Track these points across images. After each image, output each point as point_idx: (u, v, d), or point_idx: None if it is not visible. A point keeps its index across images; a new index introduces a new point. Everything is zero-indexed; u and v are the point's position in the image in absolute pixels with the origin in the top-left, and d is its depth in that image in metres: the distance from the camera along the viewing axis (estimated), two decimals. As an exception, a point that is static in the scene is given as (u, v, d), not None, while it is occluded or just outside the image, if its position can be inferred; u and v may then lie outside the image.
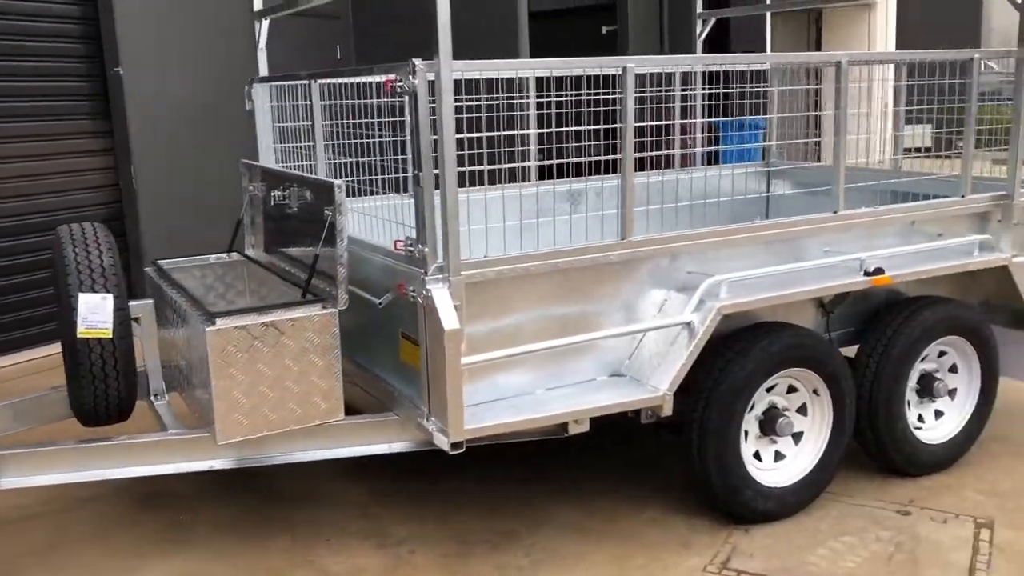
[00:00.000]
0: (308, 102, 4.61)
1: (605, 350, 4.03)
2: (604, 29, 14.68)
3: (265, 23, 5.33)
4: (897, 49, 19.15)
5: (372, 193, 4.53)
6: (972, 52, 4.78)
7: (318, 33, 9.43)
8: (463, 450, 3.57)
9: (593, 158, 4.43)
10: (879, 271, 4.32)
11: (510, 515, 4.37)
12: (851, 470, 4.68)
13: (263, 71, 5.29)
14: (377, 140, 4.27)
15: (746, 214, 5.48)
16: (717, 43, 17.39)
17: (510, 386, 3.85)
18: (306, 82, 4.55)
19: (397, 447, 3.98)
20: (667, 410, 3.88)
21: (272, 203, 4.59)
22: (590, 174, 4.63)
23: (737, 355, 4.06)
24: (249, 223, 5.06)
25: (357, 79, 4.22)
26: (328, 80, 4.41)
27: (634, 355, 4.05)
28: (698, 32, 6.98)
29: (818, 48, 20.37)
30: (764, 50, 16.67)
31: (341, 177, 4.29)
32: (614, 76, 3.93)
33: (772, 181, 6.57)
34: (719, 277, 4.01)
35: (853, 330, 4.69)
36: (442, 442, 3.56)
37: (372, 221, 4.32)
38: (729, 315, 4.07)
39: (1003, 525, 4.20)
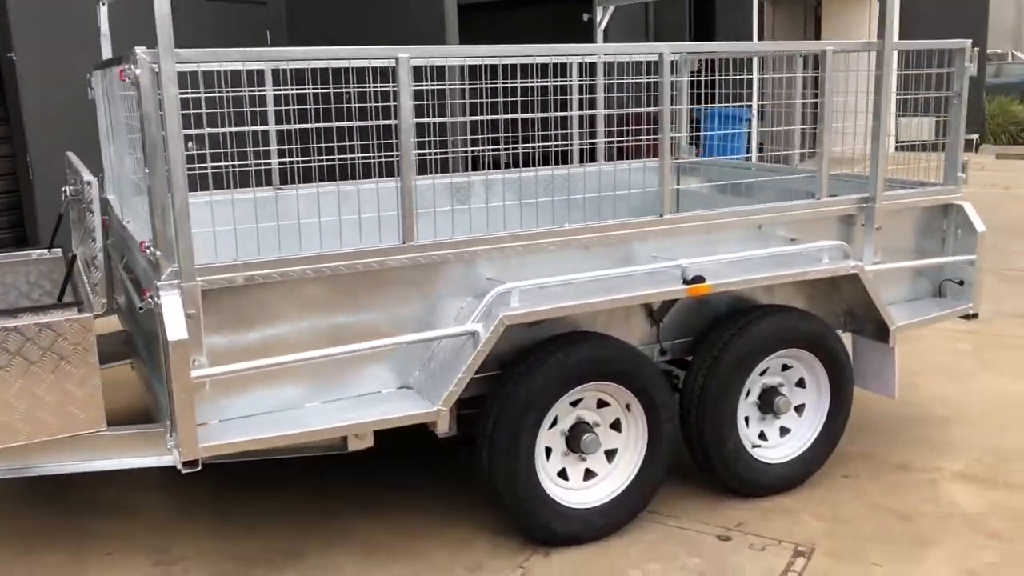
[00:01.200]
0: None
1: (395, 361, 3.78)
2: (585, 16, 14.32)
3: (104, 8, 5.12)
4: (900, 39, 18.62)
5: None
6: (825, 45, 4.45)
7: (247, 19, 9.23)
8: (198, 468, 3.34)
9: (363, 157, 4.15)
10: (698, 279, 4.01)
11: (308, 532, 4.14)
12: (688, 489, 4.41)
13: (106, 57, 5.08)
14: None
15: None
16: (701, 31, 16.93)
17: (277, 399, 3.61)
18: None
19: (166, 460, 3.75)
20: (443, 427, 3.63)
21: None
22: (381, 174, 4.37)
23: (531, 368, 3.79)
24: (75, 218, 4.86)
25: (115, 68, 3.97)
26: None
27: (425, 366, 3.80)
28: (598, 20, 6.67)
29: (816, 37, 19.82)
30: (750, 39, 16.23)
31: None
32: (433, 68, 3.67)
33: (683, 177, 6.27)
34: (510, 285, 3.74)
35: (691, 340, 4.39)
36: (176, 459, 3.33)
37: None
38: (535, 324, 3.83)
39: (824, 553, 3.91)
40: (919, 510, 4.26)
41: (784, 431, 4.47)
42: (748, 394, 4.34)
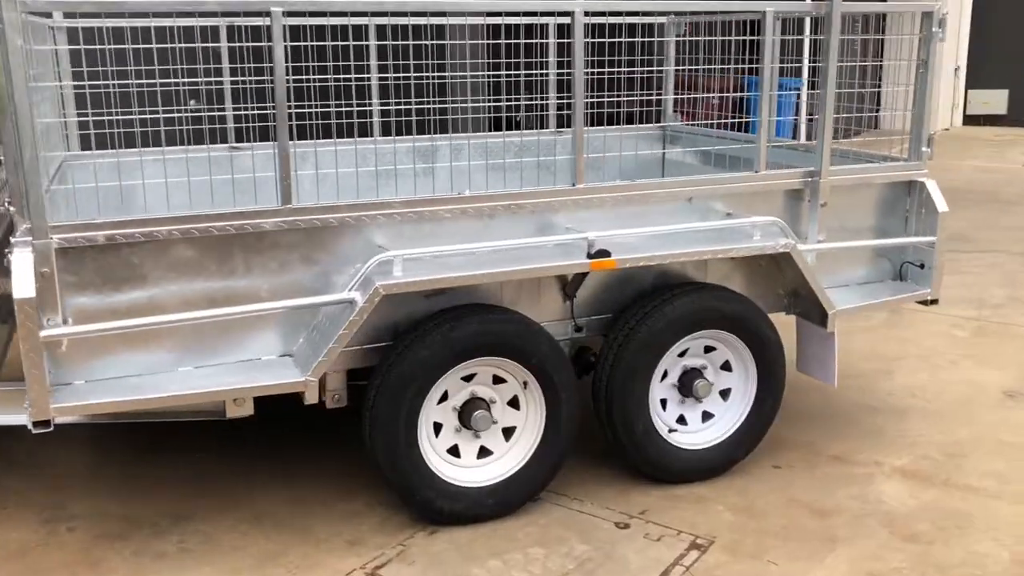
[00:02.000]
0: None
1: (279, 328, 3.67)
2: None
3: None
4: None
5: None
6: (766, 5, 4.14)
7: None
8: (50, 429, 3.28)
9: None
10: (602, 253, 3.80)
11: (202, 497, 4.08)
12: (604, 471, 4.23)
13: None
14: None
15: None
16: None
17: (150, 362, 3.52)
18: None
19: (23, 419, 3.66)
20: (311, 397, 3.51)
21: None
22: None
23: (416, 340, 3.64)
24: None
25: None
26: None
27: (309, 335, 3.68)
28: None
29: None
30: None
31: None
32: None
33: (670, 145, 6.01)
34: (393, 253, 3.58)
35: (611, 318, 4.17)
36: (28, 419, 3.28)
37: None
38: (434, 294, 3.69)
39: (722, 547, 3.70)
40: (840, 507, 4.00)
41: (707, 416, 4.25)
42: (665, 376, 4.13)
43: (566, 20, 4.22)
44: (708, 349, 4.19)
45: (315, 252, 3.65)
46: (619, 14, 4.54)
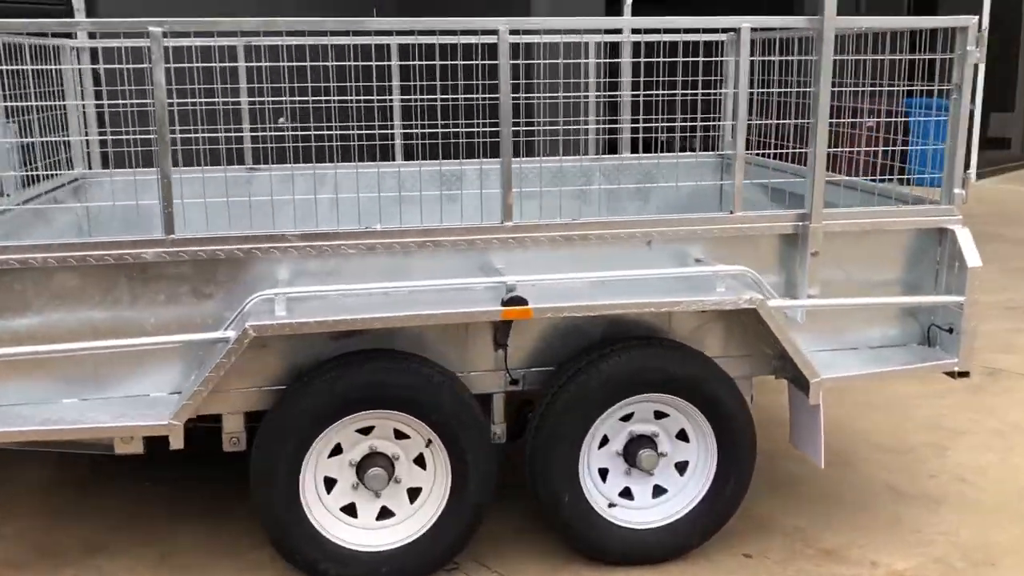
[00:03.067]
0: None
1: (171, 364, 3.48)
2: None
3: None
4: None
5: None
6: (741, 20, 3.56)
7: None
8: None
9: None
10: (517, 301, 3.36)
11: (127, 530, 3.95)
12: (538, 541, 3.77)
13: None
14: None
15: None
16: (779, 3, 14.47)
17: (33, 392, 3.42)
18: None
19: None
20: (176, 442, 3.28)
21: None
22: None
23: (300, 387, 3.35)
24: None
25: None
26: None
27: (197, 373, 3.47)
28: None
29: (930, 11, 16.06)
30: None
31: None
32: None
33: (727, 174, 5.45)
34: (276, 291, 3.31)
35: (552, 370, 3.70)
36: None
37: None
38: (343, 336, 3.41)
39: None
40: (799, 618, 3.36)
41: (659, 491, 3.69)
42: (605, 442, 3.62)
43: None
44: (661, 415, 3.64)
45: (206, 286, 3.43)
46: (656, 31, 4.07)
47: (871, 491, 4.25)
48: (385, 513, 3.54)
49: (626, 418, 3.62)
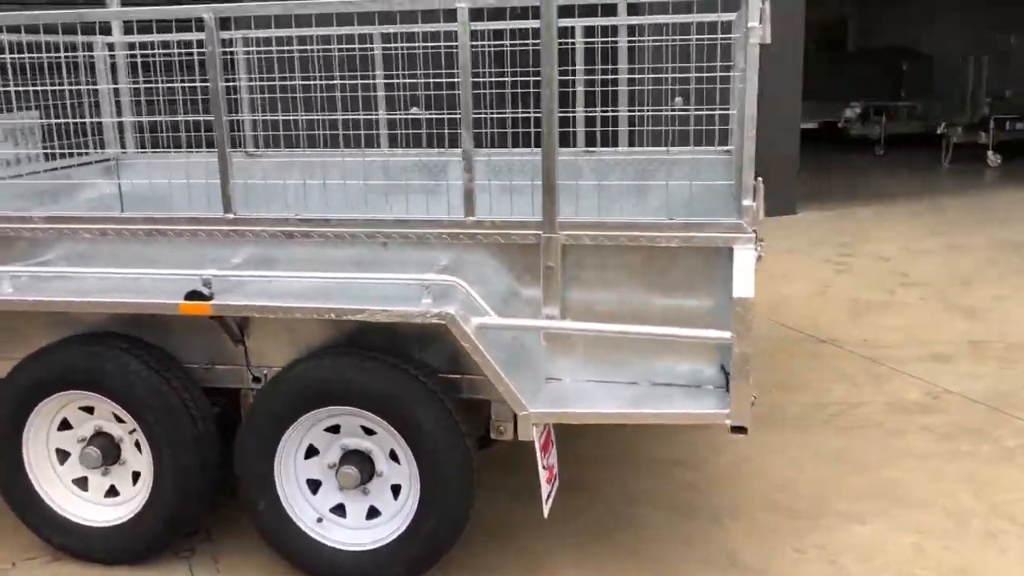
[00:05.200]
0: None
1: None
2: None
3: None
4: None
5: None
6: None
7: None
8: None
9: None
10: (196, 295, 3.28)
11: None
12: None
13: None
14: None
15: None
16: None
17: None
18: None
19: None
20: None
21: None
22: None
23: (21, 363, 3.54)
24: None
25: None
26: None
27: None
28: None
29: None
30: None
31: None
32: None
33: None
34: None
35: (282, 371, 3.56)
36: None
37: None
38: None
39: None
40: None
41: (374, 513, 3.42)
42: (314, 452, 3.42)
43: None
44: (369, 431, 3.36)
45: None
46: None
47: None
48: (113, 491, 3.64)
49: (334, 429, 3.39)
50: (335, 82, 4.59)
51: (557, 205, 3.18)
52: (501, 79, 4.64)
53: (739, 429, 3.10)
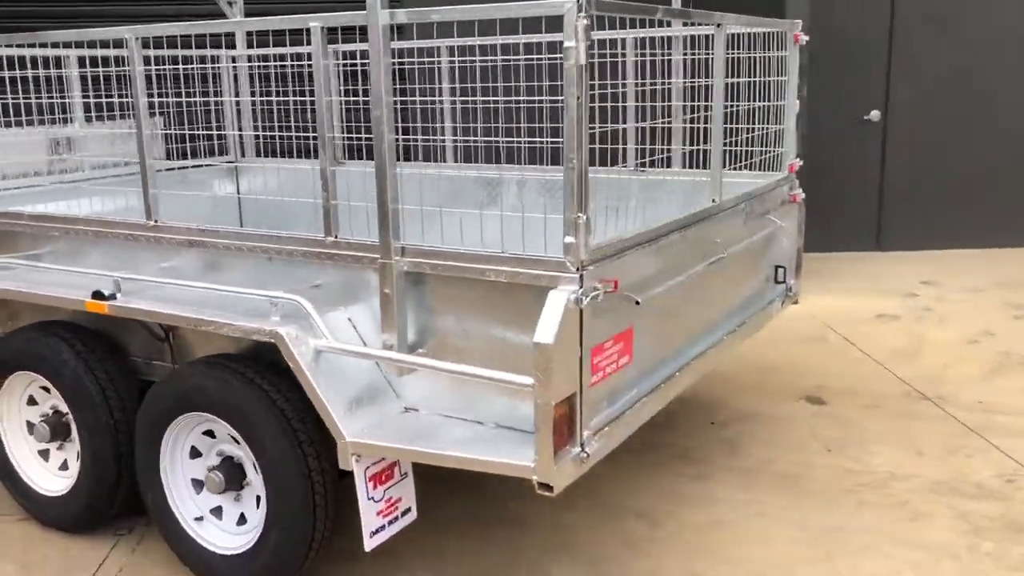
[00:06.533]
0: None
1: None
2: None
3: None
4: None
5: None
6: (309, 20, 3.09)
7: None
8: None
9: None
10: (99, 295, 3.54)
11: None
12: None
13: None
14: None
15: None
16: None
17: None
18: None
19: None
20: None
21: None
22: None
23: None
24: None
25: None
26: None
27: None
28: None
29: None
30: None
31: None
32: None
33: None
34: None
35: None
36: None
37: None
38: None
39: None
40: None
41: (243, 520, 3.50)
42: (199, 454, 3.56)
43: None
44: (237, 439, 3.43)
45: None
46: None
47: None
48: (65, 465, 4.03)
49: (213, 435, 3.50)
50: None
51: (395, 230, 3.06)
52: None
53: (546, 487, 2.81)
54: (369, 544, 3.14)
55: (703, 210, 3.72)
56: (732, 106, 4.39)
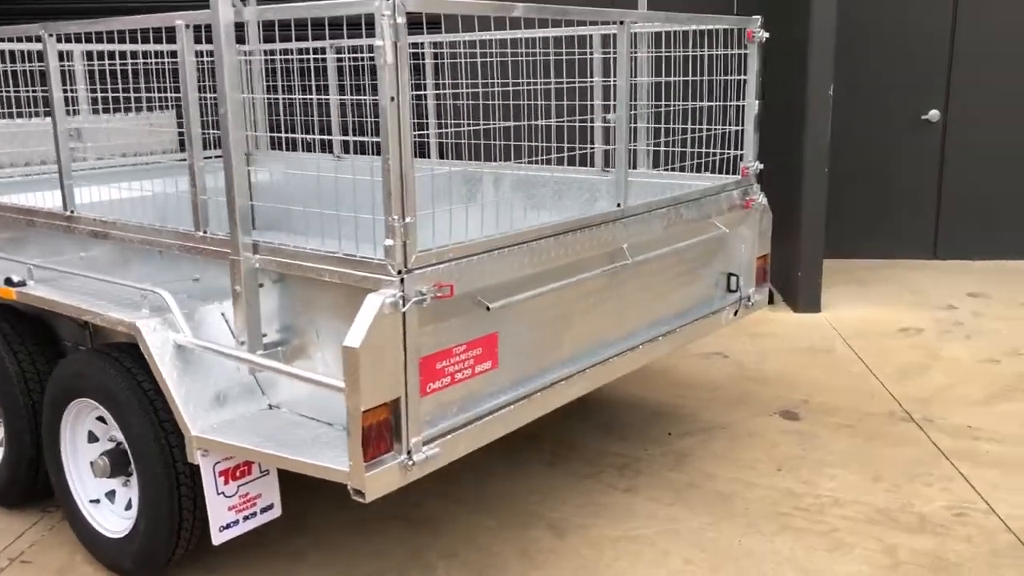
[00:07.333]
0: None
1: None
2: None
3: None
4: None
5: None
6: (176, 17, 3.11)
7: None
8: None
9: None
10: (9, 281, 3.68)
11: None
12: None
13: None
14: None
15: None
16: None
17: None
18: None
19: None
20: None
21: None
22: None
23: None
24: None
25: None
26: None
27: None
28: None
29: None
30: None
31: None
32: None
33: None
34: None
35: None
36: None
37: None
38: None
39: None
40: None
41: (130, 505, 3.58)
42: (94, 439, 3.66)
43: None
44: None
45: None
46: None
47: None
48: None
49: (106, 421, 3.60)
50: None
51: (244, 226, 3.06)
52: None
53: (358, 493, 2.77)
54: (217, 538, 3.16)
55: (600, 215, 3.58)
56: (664, 106, 4.22)
